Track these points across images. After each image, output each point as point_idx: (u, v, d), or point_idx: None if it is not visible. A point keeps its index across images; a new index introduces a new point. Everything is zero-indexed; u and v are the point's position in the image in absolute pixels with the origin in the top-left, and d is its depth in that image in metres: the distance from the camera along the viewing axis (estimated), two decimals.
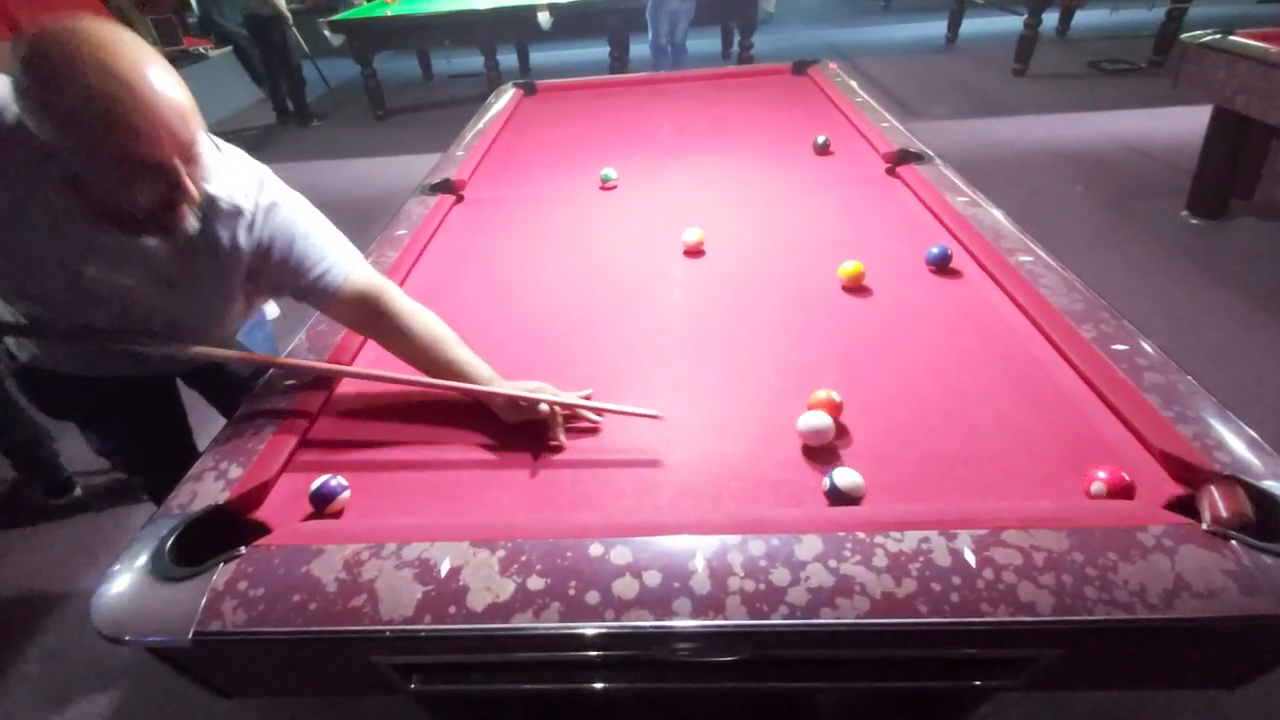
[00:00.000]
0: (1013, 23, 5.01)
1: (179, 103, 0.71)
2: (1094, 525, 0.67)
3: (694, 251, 1.34)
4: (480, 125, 2.10)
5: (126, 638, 0.66)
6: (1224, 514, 0.67)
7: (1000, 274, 1.16)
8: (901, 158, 1.64)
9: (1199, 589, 0.62)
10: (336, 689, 0.81)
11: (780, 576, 0.65)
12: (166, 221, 0.78)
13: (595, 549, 0.68)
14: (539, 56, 5.93)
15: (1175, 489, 0.74)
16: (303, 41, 4.88)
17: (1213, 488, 0.70)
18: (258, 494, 0.81)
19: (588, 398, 0.95)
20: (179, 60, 4.99)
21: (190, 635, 0.64)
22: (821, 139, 1.79)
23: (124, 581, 0.69)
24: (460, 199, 1.64)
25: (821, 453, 0.84)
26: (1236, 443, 0.76)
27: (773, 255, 1.33)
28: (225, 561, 0.70)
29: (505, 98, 2.39)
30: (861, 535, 0.68)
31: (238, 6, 4.65)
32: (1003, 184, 3.38)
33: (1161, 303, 2.41)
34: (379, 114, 5.07)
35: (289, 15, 4.62)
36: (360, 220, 0.80)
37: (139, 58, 0.69)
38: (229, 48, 5.26)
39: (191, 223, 0.81)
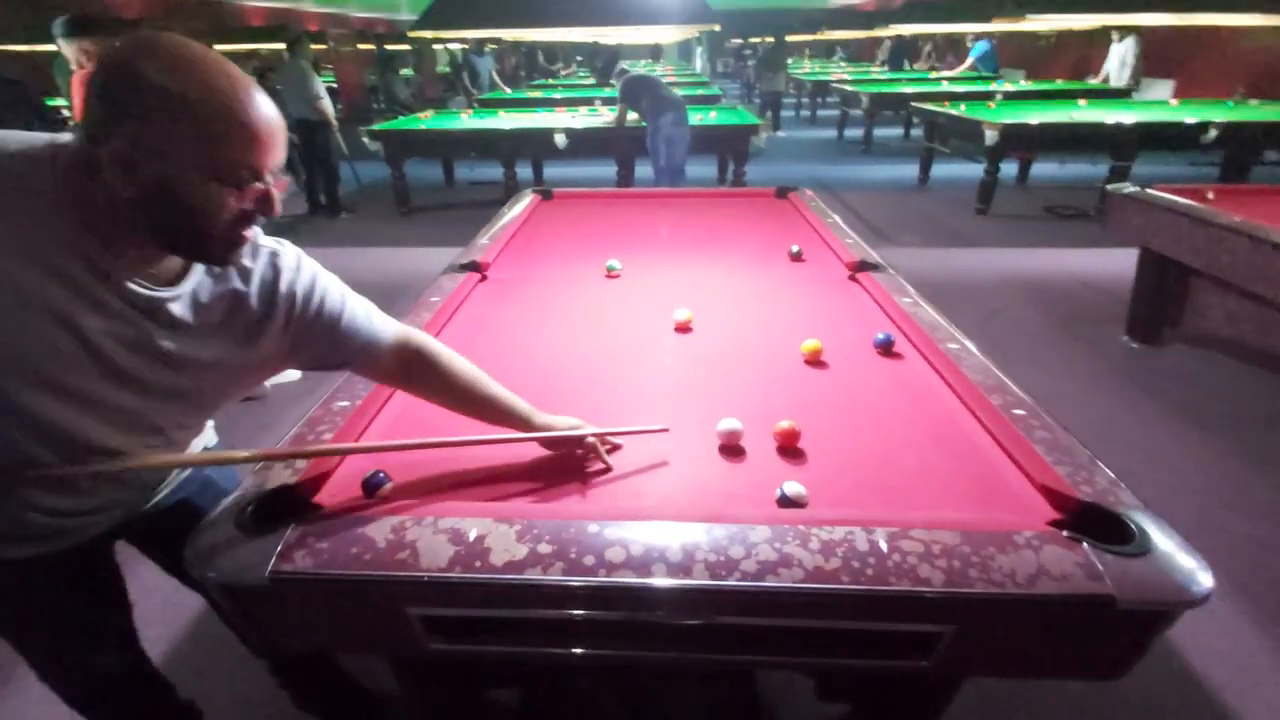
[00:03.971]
0: (977, 169, 5.65)
1: (280, 121, 0.73)
2: (981, 529, 0.87)
3: (683, 328, 1.59)
4: (503, 221, 2.42)
5: (212, 575, 0.82)
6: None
7: (932, 356, 1.41)
8: (860, 266, 1.94)
9: (1055, 574, 0.80)
10: (369, 644, 0.94)
11: (736, 552, 0.83)
12: (236, 238, 0.75)
13: (593, 527, 0.87)
14: (552, 170, 6.56)
15: (1052, 514, 0.94)
16: (343, 144, 5.44)
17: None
18: (318, 482, 0.99)
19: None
20: None
21: (267, 573, 0.81)
22: (795, 248, 2.11)
23: (214, 534, 0.86)
24: (484, 278, 1.91)
25: (778, 472, 1.04)
26: (1100, 480, 0.97)
27: (749, 334, 1.58)
28: (296, 523, 0.87)
29: (525, 201, 2.74)
30: (801, 527, 0.87)
31: (288, 113, 5.22)
32: (964, 304, 3.75)
33: (1101, 412, 2.67)
34: (403, 211, 5.56)
35: (335, 122, 5.22)
36: (381, 301, 0.92)
37: (245, 75, 0.71)
38: None
39: (247, 250, 0.82)
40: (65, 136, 0.73)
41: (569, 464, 1.09)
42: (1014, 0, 5.55)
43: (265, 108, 0.70)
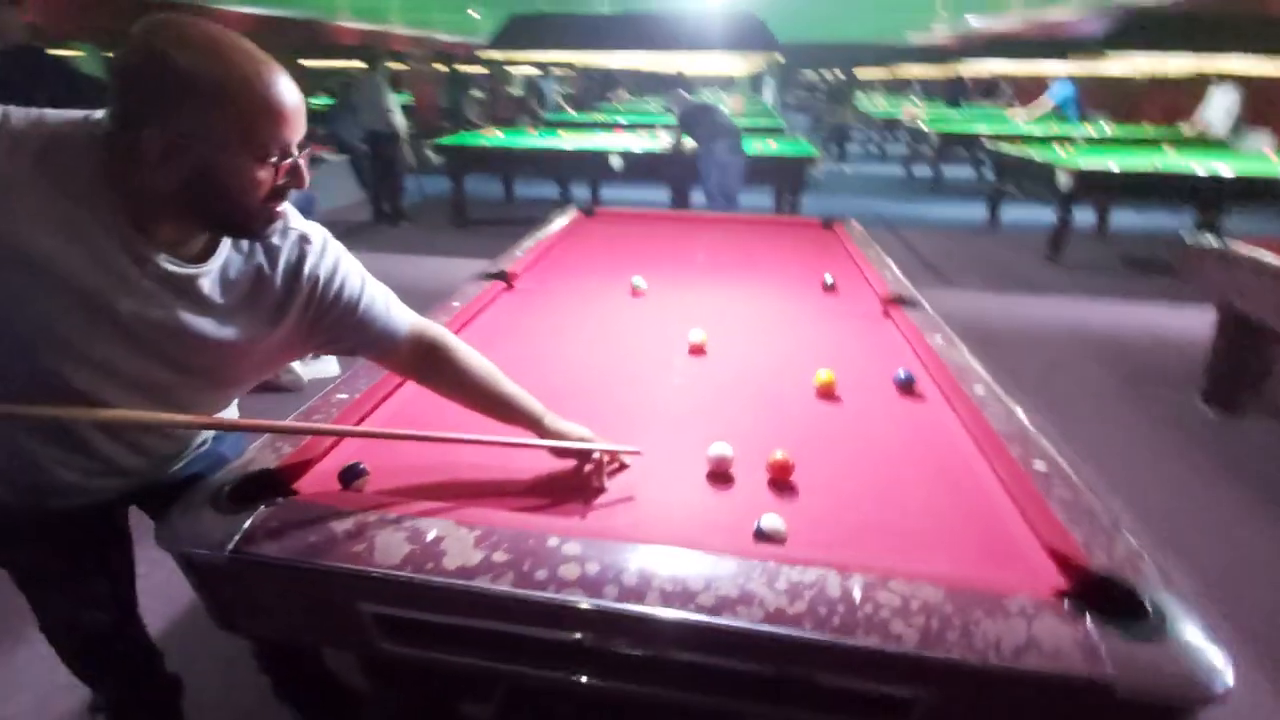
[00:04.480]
0: (1050, 214, 5.39)
1: (302, 97, 0.75)
2: (971, 588, 0.79)
3: (697, 350, 1.55)
4: (540, 234, 2.46)
5: (175, 547, 0.83)
6: None
7: (954, 398, 1.32)
8: (895, 301, 1.86)
9: (1046, 649, 0.72)
10: (325, 635, 0.93)
11: (695, 583, 0.79)
12: (271, 212, 0.78)
13: (553, 541, 0.84)
14: (609, 192, 6.65)
15: (1059, 581, 0.86)
16: (410, 157, 5.69)
17: None
18: (300, 469, 1.00)
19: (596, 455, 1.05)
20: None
21: (227, 551, 0.82)
22: (829, 278, 2.04)
23: (187, 508, 0.88)
24: (510, 286, 1.93)
25: (764, 504, 0.99)
26: (1120, 549, 0.88)
27: (763, 361, 1.53)
28: (266, 505, 0.88)
29: (567, 216, 2.78)
30: (772, 564, 0.81)
31: (362, 124, 5.51)
32: (1024, 354, 3.56)
33: (1166, 480, 2.46)
34: (459, 223, 5.74)
35: (404, 135, 5.47)
36: (423, 307, 0.91)
37: (267, 55, 0.72)
38: (345, 156, 6.15)
39: (279, 225, 0.83)
40: (99, 114, 0.75)
41: (560, 474, 1.06)
42: (1098, 40, 5.32)
43: (289, 86, 0.73)
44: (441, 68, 11.72)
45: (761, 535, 0.89)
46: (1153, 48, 5.05)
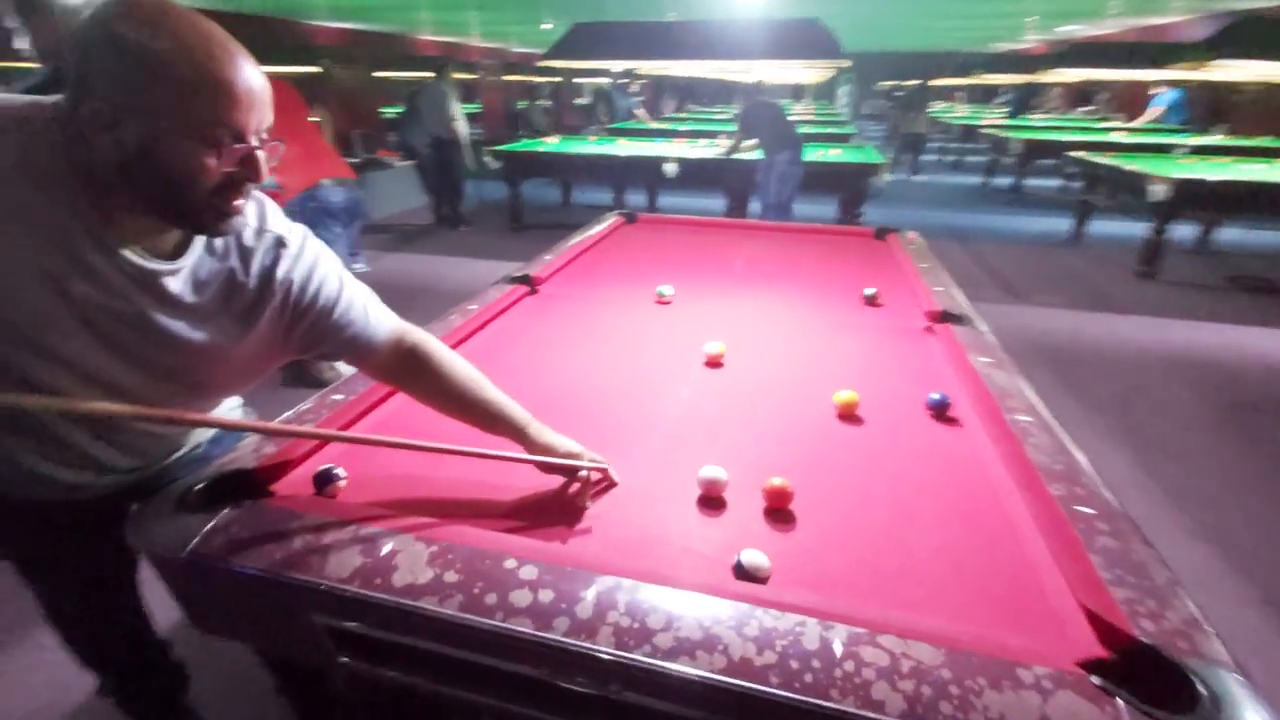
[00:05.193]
0: (1145, 228, 4.96)
1: (265, 82, 0.72)
2: (976, 650, 0.68)
3: (713, 362, 1.47)
4: (574, 239, 2.42)
5: (139, 542, 0.83)
6: None
7: (992, 427, 1.18)
8: (942, 317, 1.71)
9: None
10: (284, 645, 0.90)
11: (656, 621, 0.71)
12: (225, 205, 0.73)
13: (509, 563, 0.78)
14: (667, 200, 6.60)
15: (1092, 649, 0.73)
16: (471, 163, 5.84)
17: None
18: (280, 470, 0.99)
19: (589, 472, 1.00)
20: (371, 166, 6.15)
21: (185, 552, 0.80)
22: (870, 291, 1.91)
23: (155, 509, 0.87)
24: (534, 291, 1.90)
25: (755, 535, 0.90)
26: (1173, 616, 0.74)
27: (784, 377, 1.43)
28: (230, 508, 0.86)
29: (607, 222, 2.74)
30: (745, 606, 0.73)
31: (427, 131, 5.69)
32: (1103, 376, 3.27)
33: (1259, 526, 2.17)
34: (514, 227, 5.84)
35: (466, 142, 5.62)
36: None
37: (232, 39, 0.70)
38: (412, 161, 6.37)
39: (240, 221, 0.79)
40: (55, 98, 0.72)
41: (544, 491, 1.00)
42: (1204, 44, 4.86)
43: (244, 67, 0.69)
44: (510, 77, 12.04)
45: (741, 572, 0.80)
46: (1266, 54, 4.56)
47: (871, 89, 18.89)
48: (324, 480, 0.95)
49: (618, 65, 6.78)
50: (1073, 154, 5.98)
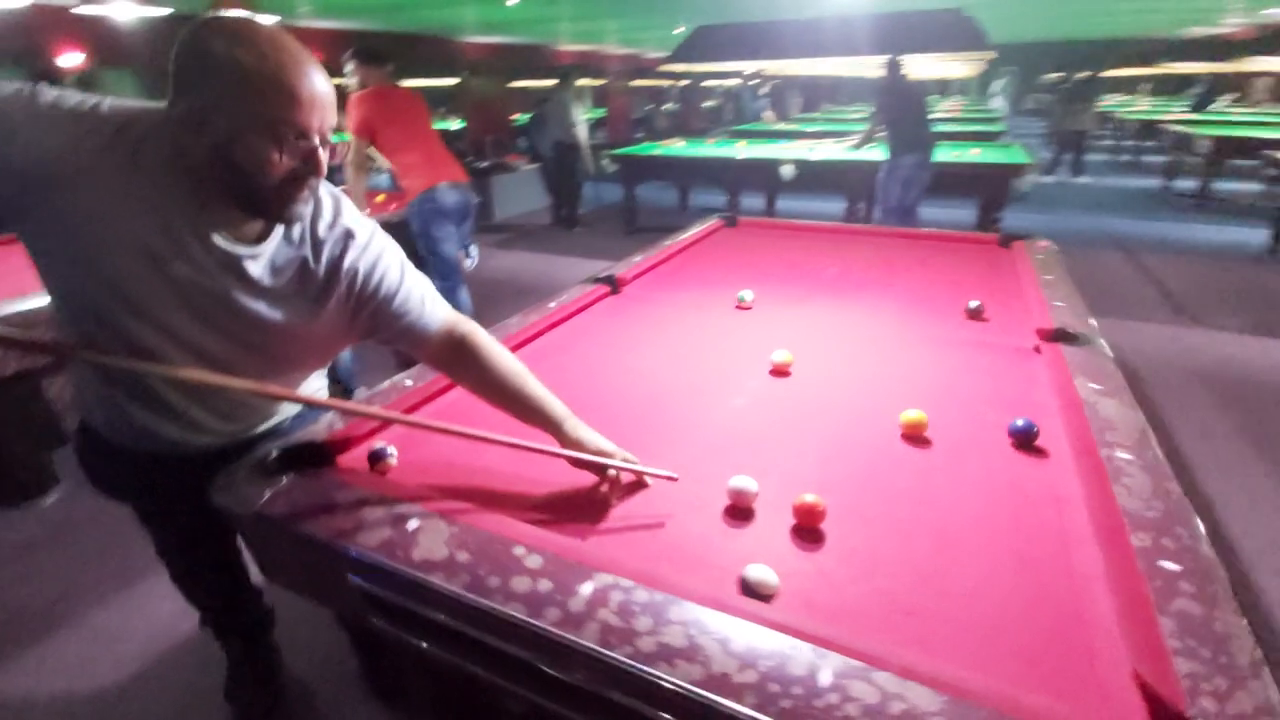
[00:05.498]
0: None
1: (329, 90, 0.81)
2: (983, 703, 0.62)
3: (780, 371, 1.42)
4: (668, 241, 2.44)
5: (219, 502, 0.95)
6: None
7: (1082, 462, 1.05)
8: (1054, 336, 1.54)
9: None
10: (330, 600, 1.01)
11: (643, 624, 0.71)
12: (290, 196, 0.82)
13: (518, 550, 0.81)
14: (784, 204, 6.43)
15: None
16: (590, 166, 6.05)
17: None
18: (346, 444, 1.09)
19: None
20: (498, 169, 6.57)
21: (251, 511, 0.91)
22: (974, 304, 1.75)
23: (237, 471, 0.99)
24: (616, 291, 1.94)
25: (776, 550, 0.86)
26: (1245, 699, 0.62)
27: (850, 391, 1.35)
28: (294, 474, 0.97)
29: (705, 225, 2.73)
30: (736, 620, 0.71)
31: (550, 135, 5.97)
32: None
33: None
34: (628, 230, 5.95)
35: (586, 145, 5.84)
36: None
37: (305, 51, 0.80)
38: (537, 165, 6.71)
39: (305, 210, 0.88)
40: (163, 102, 0.83)
41: (578, 486, 1.03)
42: None
43: (310, 75, 0.78)
44: (640, 82, 12.28)
45: (745, 587, 0.78)
46: None
47: (1036, 82, 17.23)
48: (376, 457, 1.03)
49: (744, 66, 6.70)
50: (1271, 153, 5.09)
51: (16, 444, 2.01)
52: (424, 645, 0.88)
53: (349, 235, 0.96)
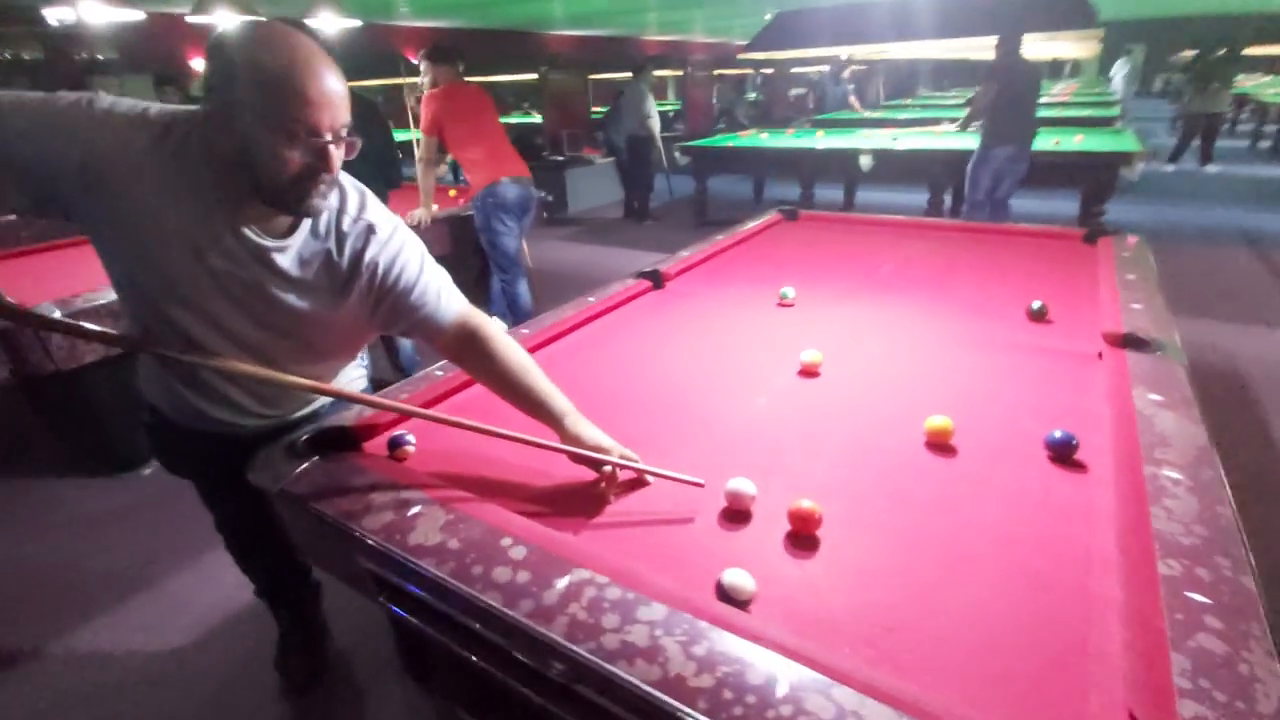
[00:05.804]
0: None
1: (341, 89, 0.86)
2: None
3: (808, 371, 1.38)
4: (722, 236, 2.41)
5: (253, 480, 1.03)
6: None
7: (1124, 479, 0.96)
8: (1122, 341, 1.41)
9: None
10: (347, 577, 1.08)
11: (610, 621, 0.72)
12: (304, 190, 0.87)
13: (505, 541, 0.84)
14: (864, 195, 6.15)
15: None
16: (664, 159, 6.02)
17: None
18: (372, 431, 1.16)
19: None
20: (576, 163, 6.69)
21: (277, 489, 0.99)
22: (1037, 305, 1.63)
23: (271, 452, 1.07)
24: (661, 286, 1.94)
25: (764, 556, 0.85)
26: None
27: (879, 394, 1.30)
28: (319, 457, 1.04)
29: (764, 219, 2.67)
30: (702, 624, 0.71)
31: (624, 129, 6.00)
32: None
33: None
34: (698, 223, 5.88)
35: (658, 138, 5.84)
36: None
37: (319, 53, 0.84)
38: (612, 158, 6.77)
39: (323, 204, 0.92)
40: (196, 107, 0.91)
41: (579, 481, 1.05)
42: None
43: (322, 75, 0.83)
44: (723, 71, 12.09)
45: (721, 592, 0.77)
46: None
47: (1167, 61, 15.60)
48: (395, 444, 1.09)
49: (825, 52, 6.46)
50: None
51: (118, 418, 2.26)
52: (426, 629, 0.93)
53: (371, 230, 1.01)
